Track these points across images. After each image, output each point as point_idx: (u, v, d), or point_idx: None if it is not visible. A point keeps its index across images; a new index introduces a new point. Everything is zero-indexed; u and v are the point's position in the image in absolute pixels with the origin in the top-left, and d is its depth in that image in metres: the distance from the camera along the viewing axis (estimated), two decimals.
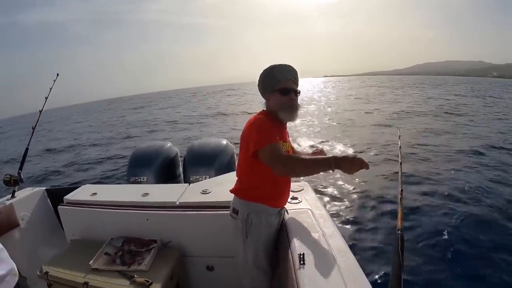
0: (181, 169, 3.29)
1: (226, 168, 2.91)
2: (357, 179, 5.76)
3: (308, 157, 1.42)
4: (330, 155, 1.35)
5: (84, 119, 29.53)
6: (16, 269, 0.92)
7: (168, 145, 3.37)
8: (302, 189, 2.07)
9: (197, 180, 2.82)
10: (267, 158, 1.40)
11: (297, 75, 1.61)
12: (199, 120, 18.16)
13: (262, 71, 1.60)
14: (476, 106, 18.34)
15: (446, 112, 15.36)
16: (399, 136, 1.73)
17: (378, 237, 3.86)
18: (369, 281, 1.14)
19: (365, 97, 28.06)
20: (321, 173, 1.42)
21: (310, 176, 1.50)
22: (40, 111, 2.67)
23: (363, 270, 1.21)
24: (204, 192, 2.10)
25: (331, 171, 1.32)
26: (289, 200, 1.89)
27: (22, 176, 2.36)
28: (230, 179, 1.79)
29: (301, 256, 1.27)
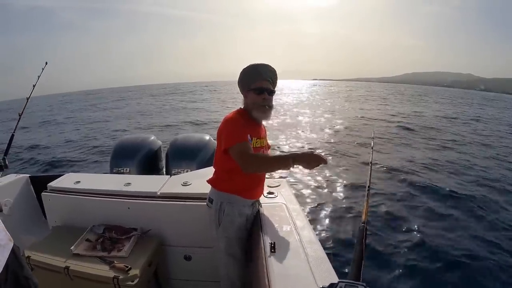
0: (163, 162, 3.33)
1: (208, 162, 2.96)
2: (330, 177, 6.05)
3: (270, 156, 1.52)
4: (290, 153, 1.47)
5: None
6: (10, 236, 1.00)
7: (152, 138, 3.41)
8: (279, 185, 2.17)
9: (179, 174, 2.87)
10: (235, 157, 1.52)
11: (275, 75, 1.68)
12: None
13: (242, 69, 1.68)
14: None
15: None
16: (373, 137, 1.85)
17: (346, 229, 4.15)
18: (335, 268, 1.24)
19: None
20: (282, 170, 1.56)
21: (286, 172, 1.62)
22: (28, 98, 2.67)
23: (330, 259, 1.31)
24: (185, 184, 2.17)
25: (291, 168, 1.46)
26: (265, 194, 1.99)
27: (7, 162, 2.36)
28: (211, 172, 1.87)
29: (272, 245, 1.38)
